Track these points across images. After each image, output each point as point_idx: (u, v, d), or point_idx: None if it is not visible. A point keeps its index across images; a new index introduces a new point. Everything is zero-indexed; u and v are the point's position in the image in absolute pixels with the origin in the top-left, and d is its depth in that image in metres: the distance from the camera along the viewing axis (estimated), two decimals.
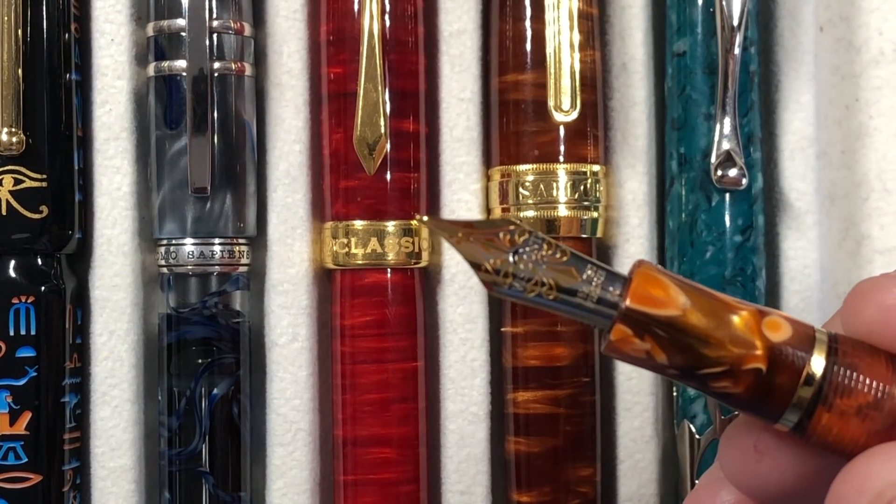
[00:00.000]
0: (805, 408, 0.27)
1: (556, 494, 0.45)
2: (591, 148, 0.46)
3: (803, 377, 0.27)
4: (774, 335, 0.27)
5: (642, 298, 0.27)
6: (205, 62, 0.44)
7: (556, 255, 0.28)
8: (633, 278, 0.27)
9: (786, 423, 0.27)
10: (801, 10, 0.48)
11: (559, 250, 0.28)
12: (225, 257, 0.45)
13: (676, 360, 0.27)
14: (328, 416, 0.47)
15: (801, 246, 0.48)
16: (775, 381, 0.27)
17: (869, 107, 0.44)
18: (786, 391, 0.27)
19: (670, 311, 0.27)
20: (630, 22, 0.47)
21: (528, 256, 0.28)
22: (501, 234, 0.28)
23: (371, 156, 0.45)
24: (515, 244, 0.28)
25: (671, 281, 0.28)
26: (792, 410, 0.27)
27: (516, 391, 0.46)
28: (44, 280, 0.44)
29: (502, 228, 0.28)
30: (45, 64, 0.44)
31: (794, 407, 0.27)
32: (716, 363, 0.27)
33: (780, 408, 0.27)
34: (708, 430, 0.45)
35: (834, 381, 0.27)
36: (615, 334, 0.27)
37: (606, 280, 0.28)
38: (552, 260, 0.28)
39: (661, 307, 0.27)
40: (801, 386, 0.27)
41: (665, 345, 0.27)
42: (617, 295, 0.27)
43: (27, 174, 0.44)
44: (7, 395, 0.44)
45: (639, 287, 0.27)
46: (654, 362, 0.27)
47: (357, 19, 0.45)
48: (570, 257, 0.28)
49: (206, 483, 0.45)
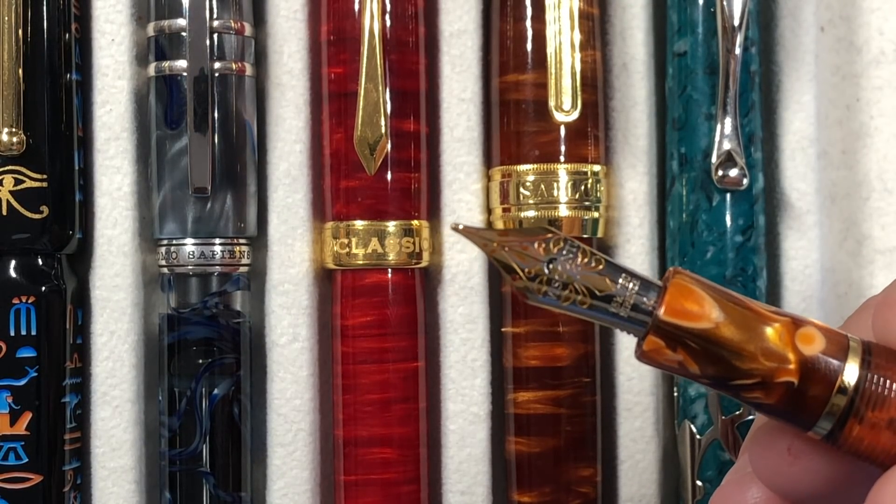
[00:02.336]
0: (837, 418, 0.27)
1: (556, 495, 0.45)
2: (592, 148, 0.46)
3: (836, 388, 0.27)
4: (808, 348, 0.27)
5: (676, 311, 0.27)
6: (205, 62, 0.44)
7: (591, 264, 0.28)
8: (667, 288, 0.28)
9: (818, 432, 0.27)
10: (802, 10, 0.48)
11: (594, 259, 0.28)
12: (225, 257, 0.45)
13: (709, 371, 0.27)
14: (329, 417, 0.47)
15: (801, 246, 0.48)
16: (808, 393, 0.27)
17: (870, 107, 0.44)
18: (818, 402, 0.27)
19: (703, 325, 0.27)
20: (631, 22, 0.47)
21: (563, 266, 0.28)
22: (536, 243, 0.28)
23: (372, 156, 0.45)
24: (550, 253, 0.28)
25: (705, 291, 0.28)
26: (824, 420, 0.27)
27: (517, 391, 0.46)
28: (44, 280, 0.44)
29: (538, 237, 0.28)
30: (46, 64, 0.44)
31: (826, 417, 0.27)
32: (748, 375, 0.27)
33: (812, 418, 0.27)
34: (709, 431, 0.45)
35: (867, 392, 0.27)
36: (648, 345, 0.27)
37: (641, 289, 0.28)
38: (587, 269, 0.28)
39: (694, 320, 0.27)
40: (833, 396, 0.27)
41: (697, 356, 0.27)
42: (651, 305, 0.27)
43: (28, 174, 0.44)
44: (7, 395, 0.44)
45: (672, 299, 0.27)
46: (687, 371, 0.27)
47: (357, 19, 0.45)
48: (605, 266, 0.28)
49: (207, 483, 0.45)
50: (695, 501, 0.46)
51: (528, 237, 0.28)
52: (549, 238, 0.28)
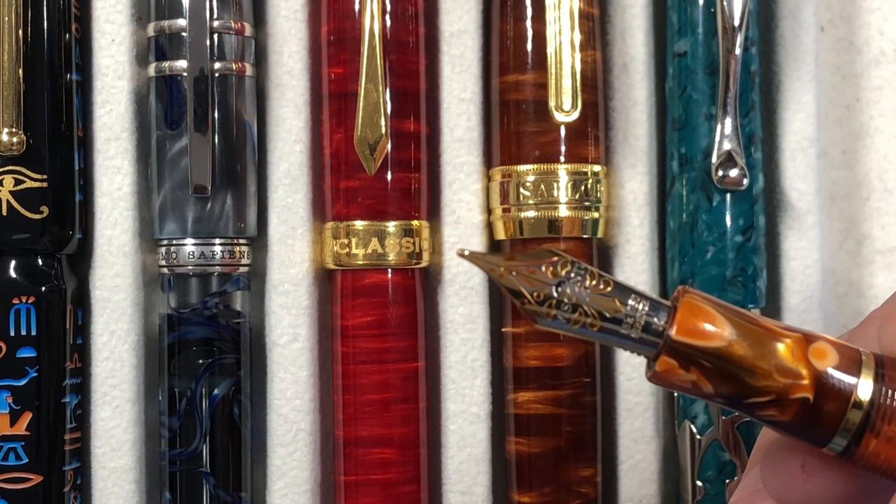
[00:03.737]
0: (853, 433, 0.27)
1: (556, 495, 0.45)
2: (592, 148, 0.46)
3: (851, 403, 0.27)
4: (821, 363, 0.27)
5: (687, 331, 0.27)
6: (205, 62, 0.44)
7: (599, 286, 0.28)
8: (678, 308, 0.27)
9: (834, 448, 0.27)
10: (802, 10, 0.48)
11: (602, 281, 0.28)
12: (225, 257, 0.45)
13: (723, 390, 0.27)
14: (329, 417, 0.47)
15: (801, 246, 0.48)
16: (823, 408, 0.27)
17: (870, 107, 0.44)
18: (833, 418, 0.27)
19: (716, 343, 0.27)
20: (631, 22, 0.47)
21: (572, 288, 0.28)
22: (544, 266, 0.28)
23: (372, 156, 0.45)
24: (558, 276, 0.28)
25: (716, 310, 0.27)
26: (840, 436, 0.27)
27: (517, 391, 0.46)
28: (44, 280, 0.44)
29: (545, 261, 0.28)
30: (46, 64, 0.44)
31: (842, 433, 0.27)
32: (763, 393, 0.27)
33: (828, 434, 0.27)
34: (709, 431, 0.45)
35: (882, 406, 0.26)
36: (661, 366, 0.27)
37: (651, 310, 0.27)
38: (595, 291, 0.28)
39: (706, 339, 0.27)
40: (849, 411, 0.27)
41: (711, 375, 0.27)
42: (662, 325, 0.27)
43: (28, 174, 0.44)
44: (7, 395, 0.44)
45: (684, 318, 0.27)
46: (700, 391, 0.27)
47: (358, 19, 0.45)
48: (613, 288, 0.28)
49: (207, 483, 0.45)
50: (695, 501, 0.46)
51: (536, 261, 0.28)
52: (557, 261, 0.28)
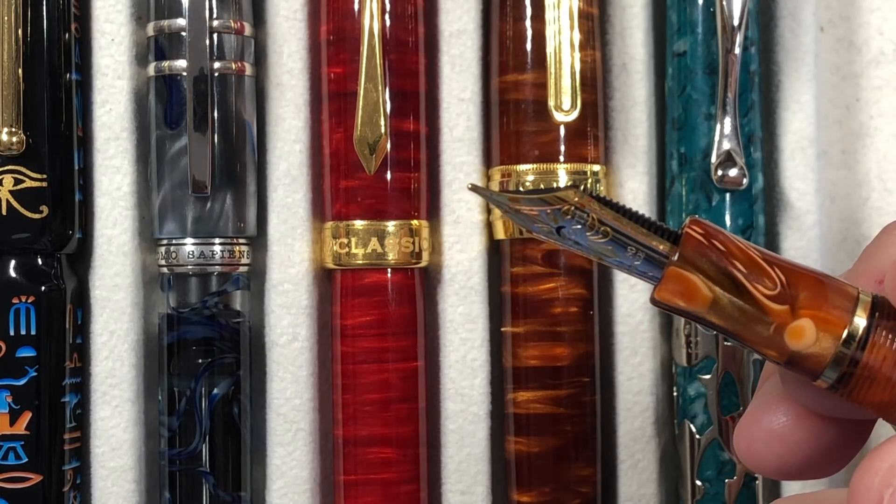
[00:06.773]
0: (843, 368, 0.27)
1: (556, 494, 0.45)
2: (592, 148, 0.46)
3: (843, 337, 0.27)
4: (796, 343, 0.27)
5: (669, 291, 0.27)
6: (205, 62, 0.44)
7: (597, 235, 0.28)
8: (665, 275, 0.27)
9: (825, 380, 0.27)
10: (802, 9, 0.48)
11: (601, 231, 0.28)
12: (225, 257, 0.45)
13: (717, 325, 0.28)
14: (328, 416, 0.47)
15: (801, 246, 0.48)
16: (801, 366, 0.27)
17: (869, 107, 0.44)
18: (824, 357, 0.27)
19: (696, 308, 0.27)
20: (630, 22, 0.47)
21: (571, 233, 0.28)
22: (548, 210, 0.28)
23: (371, 156, 0.45)
24: (559, 221, 0.28)
25: (701, 280, 0.27)
26: (831, 369, 0.27)
27: (517, 391, 0.46)
28: (44, 280, 0.44)
29: (549, 206, 0.28)
30: (46, 64, 0.44)
31: (833, 365, 0.27)
32: (747, 346, 0.28)
33: (817, 369, 0.27)
34: (708, 430, 0.45)
35: (875, 343, 0.27)
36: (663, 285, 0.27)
37: (642, 266, 0.28)
38: (595, 240, 0.28)
39: (688, 302, 0.27)
40: (840, 346, 0.27)
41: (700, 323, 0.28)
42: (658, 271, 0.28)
43: (27, 174, 0.44)
44: (7, 394, 0.44)
45: (665, 285, 0.27)
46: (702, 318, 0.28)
47: (357, 19, 0.45)
48: (610, 239, 0.28)
49: (207, 483, 0.45)
50: (694, 501, 0.46)
51: (540, 205, 0.28)
52: (559, 208, 0.28)
